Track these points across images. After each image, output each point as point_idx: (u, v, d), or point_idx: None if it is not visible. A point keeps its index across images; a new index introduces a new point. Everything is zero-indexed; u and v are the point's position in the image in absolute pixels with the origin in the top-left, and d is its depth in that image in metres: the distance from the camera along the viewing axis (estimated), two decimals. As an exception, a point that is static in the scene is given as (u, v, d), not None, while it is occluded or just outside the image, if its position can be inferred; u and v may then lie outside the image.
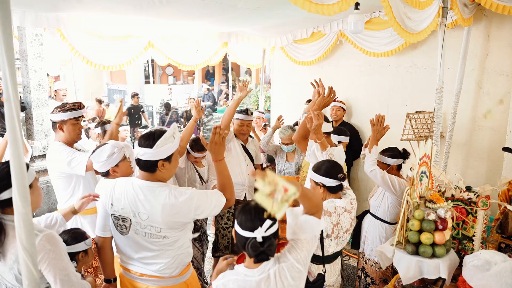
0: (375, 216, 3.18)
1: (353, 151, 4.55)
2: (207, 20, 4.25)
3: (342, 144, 3.25)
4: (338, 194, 2.46)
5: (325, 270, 2.33)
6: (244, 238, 1.54)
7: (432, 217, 2.32)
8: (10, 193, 1.37)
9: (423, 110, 3.60)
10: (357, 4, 3.07)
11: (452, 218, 2.46)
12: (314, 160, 2.74)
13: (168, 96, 13.96)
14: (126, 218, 1.97)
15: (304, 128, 2.91)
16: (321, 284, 2.26)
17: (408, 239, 2.43)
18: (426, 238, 2.33)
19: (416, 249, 2.39)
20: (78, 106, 2.92)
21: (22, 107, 4.68)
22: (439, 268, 2.31)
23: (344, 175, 2.40)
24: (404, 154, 3.13)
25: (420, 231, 2.38)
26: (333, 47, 4.87)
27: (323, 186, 2.43)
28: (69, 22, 3.78)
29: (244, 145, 3.95)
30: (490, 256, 2.06)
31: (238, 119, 3.86)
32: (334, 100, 4.62)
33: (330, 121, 3.28)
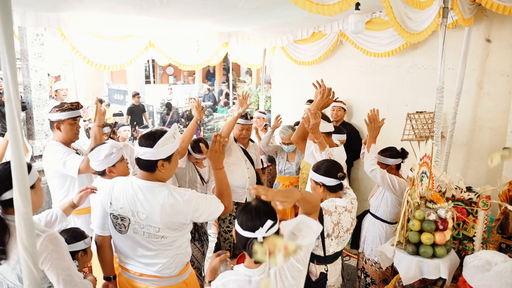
0: (375, 216, 3.18)
1: (353, 151, 4.55)
2: (208, 20, 4.25)
3: (339, 142, 3.25)
4: (338, 193, 2.46)
5: (327, 269, 2.33)
6: (245, 238, 1.54)
7: (432, 217, 2.32)
8: (12, 193, 1.37)
9: (424, 110, 3.60)
10: (357, 4, 3.07)
11: (452, 219, 2.45)
12: (313, 160, 2.74)
13: (168, 96, 13.94)
14: (125, 217, 1.97)
15: (302, 128, 2.91)
16: (323, 283, 2.26)
17: (408, 239, 2.43)
18: (426, 238, 2.33)
19: (416, 249, 2.39)
20: (76, 106, 2.92)
21: (23, 107, 4.68)
22: (440, 268, 2.31)
23: (343, 174, 2.40)
24: (402, 154, 3.13)
25: (420, 231, 2.38)
26: (333, 47, 4.87)
27: (323, 185, 2.44)
28: (69, 22, 3.78)
29: (244, 148, 3.97)
30: (490, 256, 2.06)
31: (238, 124, 3.83)
32: (334, 100, 4.66)
33: (331, 121, 3.27)
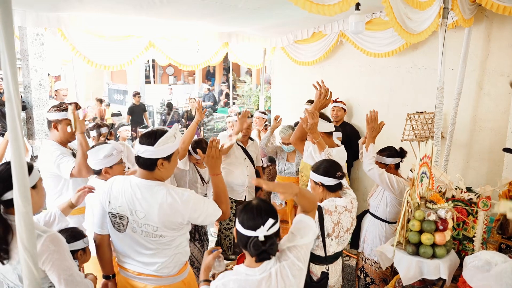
0: (375, 215, 3.18)
1: (353, 152, 4.54)
2: (208, 20, 4.26)
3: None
4: (337, 193, 2.46)
5: (328, 268, 2.33)
6: (246, 237, 1.55)
7: (432, 217, 2.32)
8: None
9: (424, 110, 3.60)
10: (358, 4, 3.07)
11: (452, 219, 2.45)
12: (311, 161, 2.75)
13: (168, 96, 13.94)
14: (123, 216, 1.98)
15: (300, 129, 2.91)
16: (325, 283, 2.26)
17: (408, 240, 2.43)
18: (426, 238, 2.33)
19: (416, 249, 2.39)
20: (74, 106, 2.93)
21: (23, 107, 4.68)
22: (440, 268, 2.31)
23: (342, 174, 2.41)
24: (401, 153, 3.13)
25: (420, 232, 2.38)
26: (333, 48, 4.87)
27: (322, 185, 2.44)
28: (69, 22, 3.78)
29: (243, 147, 3.98)
30: (490, 256, 2.06)
31: (237, 121, 3.85)
32: (335, 100, 4.67)
33: (331, 121, 3.28)
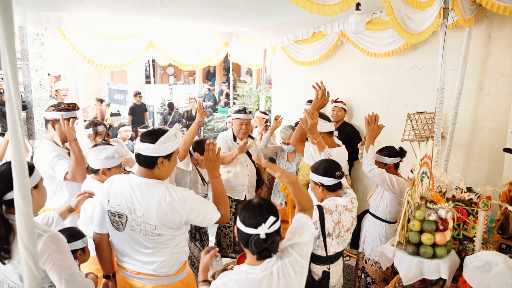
0: (375, 215, 3.18)
1: (353, 152, 4.54)
2: (208, 20, 4.26)
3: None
4: (337, 192, 2.47)
5: (329, 268, 2.33)
6: (247, 235, 1.55)
7: (433, 217, 2.32)
8: None
9: (424, 110, 3.60)
10: (358, 4, 3.07)
11: (453, 219, 2.45)
12: (312, 161, 2.76)
13: (169, 96, 13.95)
14: (122, 215, 1.99)
15: (300, 130, 2.91)
16: (327, 282, 2.26)
17: (408, 240, 2.43)
18: (426, 238, 2.33)
19: (416, 249, 2.39)
20: (73, 107, 2.93)
21: (23, 107, 4.68)
22: (440, 268, 2.31)
23: (342, 173, 2.41)
24: (400, 153, 3.12)
25: (420, 232, 2.38)
26: (334, 48, 4.87)
27: (322, 185, 2.44)
28: (70, 22, 3.78)
29: None
30: (490, 257, 2.06)
31: (238, 119, 3.86)
32: (335, 100, 4.67)
33: (331, 121, 3.28)
